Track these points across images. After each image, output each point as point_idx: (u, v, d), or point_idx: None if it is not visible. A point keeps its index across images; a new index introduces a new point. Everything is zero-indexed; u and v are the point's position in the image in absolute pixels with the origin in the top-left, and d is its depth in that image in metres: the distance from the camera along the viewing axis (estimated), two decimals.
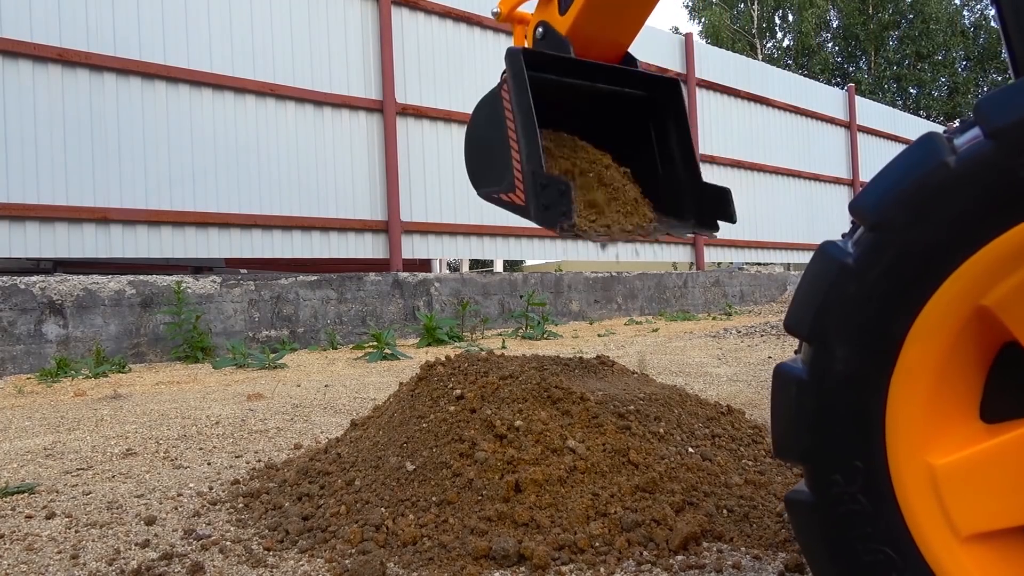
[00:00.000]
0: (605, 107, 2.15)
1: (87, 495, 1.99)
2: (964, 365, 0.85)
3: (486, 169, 1.98)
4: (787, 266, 15.13)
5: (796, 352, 0.95)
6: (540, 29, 2.04)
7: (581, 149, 2.10)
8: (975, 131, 0.81)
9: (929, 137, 0.83)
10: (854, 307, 0.86)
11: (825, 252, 0.87)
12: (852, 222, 0.92)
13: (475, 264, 19.45)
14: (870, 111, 14.91)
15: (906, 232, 0.82)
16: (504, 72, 1.89)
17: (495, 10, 2.24)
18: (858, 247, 0.85)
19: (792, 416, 0.90)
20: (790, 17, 32.79)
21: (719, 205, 2.04)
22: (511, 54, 1.84)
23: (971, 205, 0.79)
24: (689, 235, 2.12)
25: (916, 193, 0.82)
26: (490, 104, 1.94)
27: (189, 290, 5.79)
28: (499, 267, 16.31)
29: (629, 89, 2.13)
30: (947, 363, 0.84)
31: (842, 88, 14.81)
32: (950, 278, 0.81)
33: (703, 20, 31.51)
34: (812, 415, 0.88)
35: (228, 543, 1.57)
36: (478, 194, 2.03)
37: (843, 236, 0.94)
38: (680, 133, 2.15)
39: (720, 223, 2.06)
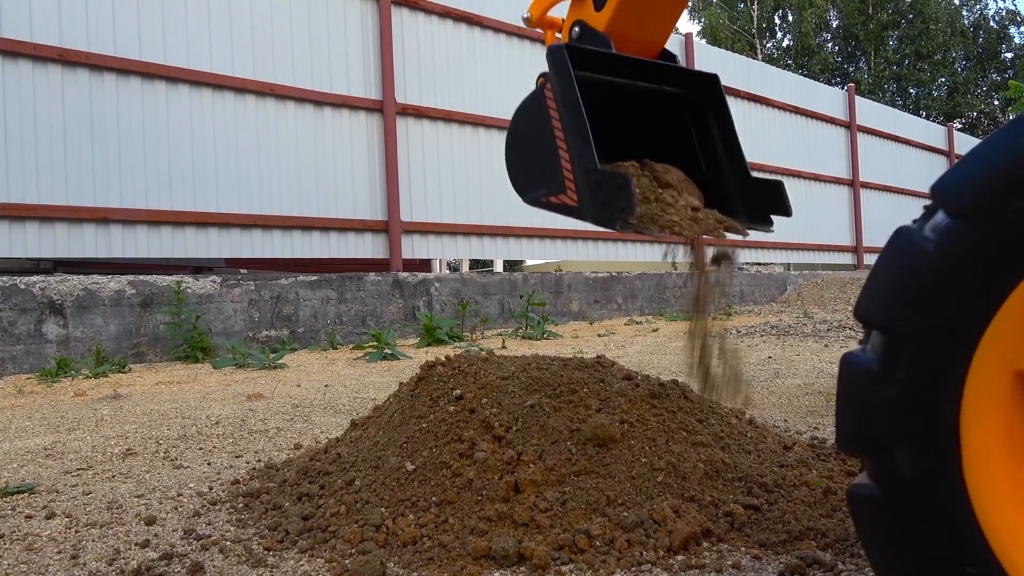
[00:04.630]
0: (646, 105, 2.07)
1: (87, 495, 1.99)
2: None
3: (531, 173, 1.87)
4: (787, 266, 15.13)
5: (861, 343, 0.91)
6: (576, 28, 2.00)
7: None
8: None
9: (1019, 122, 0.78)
10: (931, 295, 0.82)
11: (902, 238, 0.84)
12: (927, 207, 0.88)
13: (475, 264, 19.44)
14: (870, 111, 14.91)
15: (990, 220, 0.78)
16: (543, 74, 1.83)
17: (525, 15, 2.18)
18: (937, 233, 0.81)
19: (859, 408, 0.87)
20: (790, 17, 32.79)
21: (772, 200, 1.95)
22: (554, 50, 1.78)
23: None
24: (745, 233, 2.01)
25: (1001, 180, 0.78)
26: (531, 106, 1.84)
27: (189, 290, 5.79)
28: (499, 267, 16.30)
29: (670, 87, 2.05)
30: None
31: (842, 88, 14.81)
32: None
33: (702, 20, 31.52)
34: (881, 407, 0.85)
35: (228, 543, 1.57)
36: (524, 200, 1.92)
37: (915, 221, 0.89)
38: (724, 129, 2.07)
39: (775, 218, 1.94)
